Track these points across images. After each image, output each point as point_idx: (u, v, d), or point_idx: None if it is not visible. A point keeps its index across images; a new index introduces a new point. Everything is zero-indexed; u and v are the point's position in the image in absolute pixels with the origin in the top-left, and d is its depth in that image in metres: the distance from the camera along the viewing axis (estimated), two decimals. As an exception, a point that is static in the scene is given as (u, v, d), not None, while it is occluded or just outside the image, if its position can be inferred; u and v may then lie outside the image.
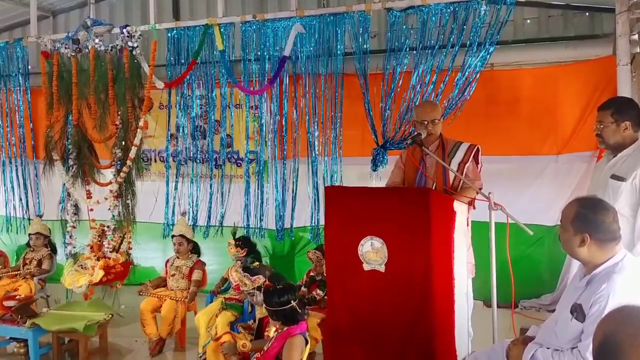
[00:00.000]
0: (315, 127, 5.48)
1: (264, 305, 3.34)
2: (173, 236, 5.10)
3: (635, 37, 4.40)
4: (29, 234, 5.91)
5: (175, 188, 6.14)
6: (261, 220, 5.90)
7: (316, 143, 5.51)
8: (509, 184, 5.14)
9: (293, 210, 5.76)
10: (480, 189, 3.52)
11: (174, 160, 6.29)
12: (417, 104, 4.66)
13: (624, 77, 4.17)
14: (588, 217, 2.38)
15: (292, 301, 3.22)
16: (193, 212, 6.09)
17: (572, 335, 2.39)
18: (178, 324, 4.73)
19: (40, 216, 6.27)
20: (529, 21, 5.85)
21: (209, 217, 6.03)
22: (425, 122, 3.76)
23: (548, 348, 2.48)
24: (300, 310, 3.24)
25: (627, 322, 1.40)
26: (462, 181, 3.66)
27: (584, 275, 2.48)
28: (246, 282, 3.95)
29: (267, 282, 3.81)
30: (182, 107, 5.93)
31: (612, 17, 4.47)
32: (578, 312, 2.36)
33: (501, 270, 3.34)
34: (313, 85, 5.39)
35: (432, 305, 3.20)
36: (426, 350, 3.22)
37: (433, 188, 3.67)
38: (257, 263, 4.47)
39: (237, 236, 4.96)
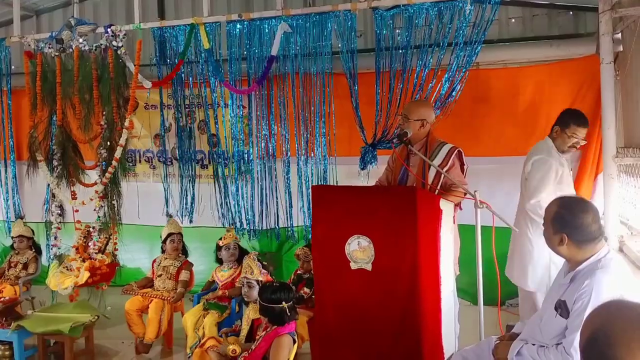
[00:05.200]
0: (304, 127, 5.48)
1: (257, 299, 3.35)
2: (171, 233, 5.08)
3: (619, 35, 4.44)
4: (12, 237, 5.85)
5: (181, 188, 6.12)
6: (253, 220, 5.90)
7: (305, 143, 5.51)
8: (496, 185, 5.14)
9: (291, 207, 5.77)
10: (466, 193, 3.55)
11: (159, 161, 6.27)
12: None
13: (607, 76, 4.20)
14: (565, 219, 2.42)
15: (283, 302, 3.22)
16: (184, 213, 6.07)
17: (556, 331, 2.41)
18: (165, 325, 4.69)
19: (22, 218, 6.20)
20: (513, 20, 5.89)
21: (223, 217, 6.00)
22: (400, 118, 3.87)
23: (533, 344, 2.50)
24: (289, 314, 3.25)
25: (617, 316, 1.39)
26: (441, 183, 3.68)
27: (567, 271, 2.50)
28: (254, 270, 3.97)
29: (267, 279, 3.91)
30: (169, 107, 5.90)
31: (595, 16, 4.50)
32: (562, 308, 2.39)
33: (487, 270, 3.36)
34: (301, 84, 5.39)
35: (419, 302, 3.22)
36: (414, 347, 3.23)
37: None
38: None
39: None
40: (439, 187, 3.69)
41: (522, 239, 4.03)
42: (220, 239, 4.87)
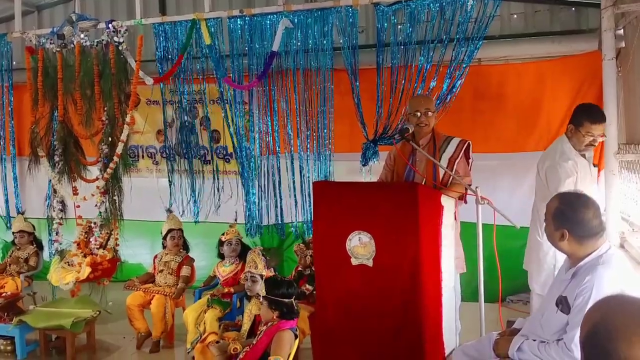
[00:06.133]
0: (305, 123, 5.48)
1: (263, 294, 3.32)
2: (171, 229, 5.10)
3: (621, 31, 4.43)
4: (13, 233, 5.86)
5: (174, 183, 6.12)
6: (254, 215, 5.90)
7: (306, 139, 5.50)
8: (497, 182, 5.14)
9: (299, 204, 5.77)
10: (470, 185, 3.54)
11: (162, 156, 6.26)
12: (410, 98, 4.67)
13: (609, 72, 4.19)
14: (566, 214, 2.42)
15: (293, 296, 3.25)
16: (182, 208, 6.07)
17: (557, 327, 2.41)
18: (170, 320, 4.71)
19: (22, 213, 6.22)
20: (515, 16, 5.87)
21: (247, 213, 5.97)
22: (419, 114, 3.79)
23: (534, 340, 2.50)
24: (296, 308, 3.26)
25: (618, 311, 1.37)
26: (451, 176, 3.68)
27: (569, 267, 2.50)
28: (259, 265, 3.98)
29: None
30: (171, 102, 5.90)
31: (597, 12, 4.49)
32: (563, 304, 2.39)
33: (489, 268, 3.36)
34: (302, 80, 5.38)
35: (420, 299, 3.21)
36: (414, 343, 3.23)
37: (422, 183, 3.68)
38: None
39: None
40: (450, 180, 3.69)
41: (532, 242, 3.95)
42: (223, 234, 4.87)
